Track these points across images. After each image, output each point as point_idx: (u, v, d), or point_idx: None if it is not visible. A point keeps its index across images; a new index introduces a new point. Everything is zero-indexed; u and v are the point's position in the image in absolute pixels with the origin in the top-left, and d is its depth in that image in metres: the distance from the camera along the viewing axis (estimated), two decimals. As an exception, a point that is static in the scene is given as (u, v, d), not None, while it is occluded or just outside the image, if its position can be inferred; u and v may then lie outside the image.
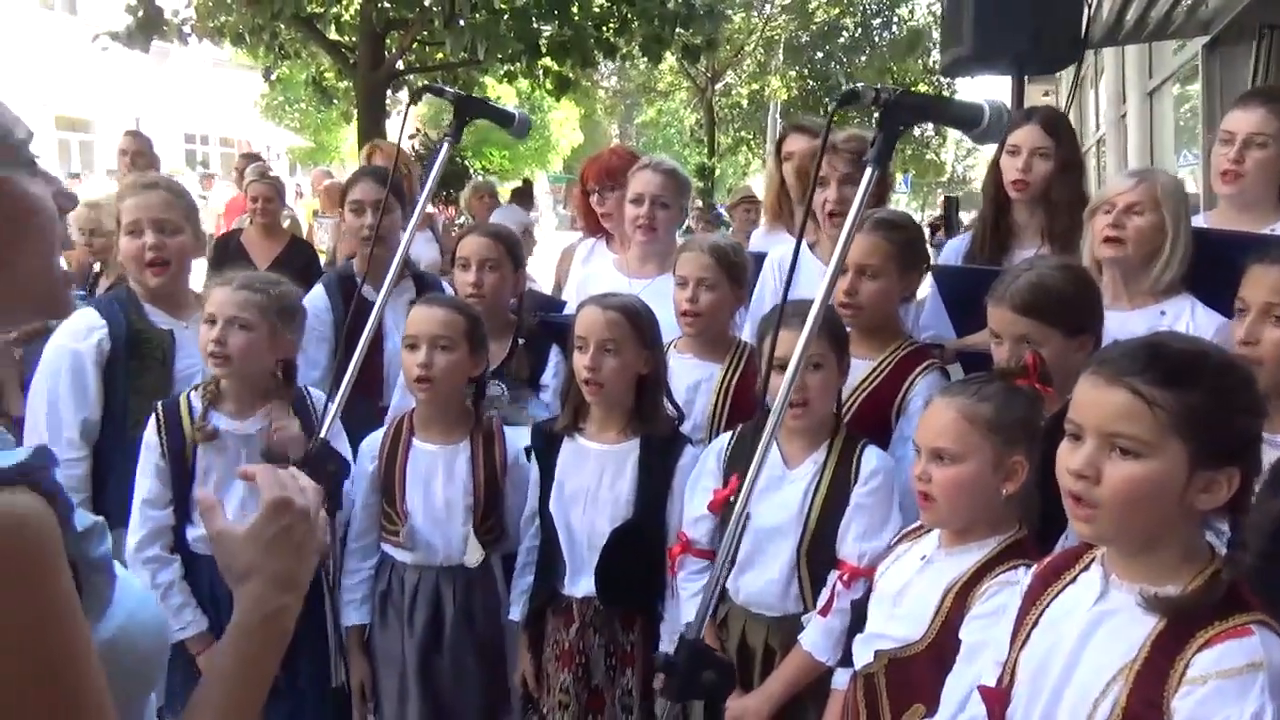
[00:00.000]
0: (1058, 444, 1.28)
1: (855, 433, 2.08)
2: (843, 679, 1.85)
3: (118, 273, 3.34)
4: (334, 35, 9.59)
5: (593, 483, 2.23)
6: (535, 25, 8.64)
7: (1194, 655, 1.14)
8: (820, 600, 1.96)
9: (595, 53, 9.30)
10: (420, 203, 1.76)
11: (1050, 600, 1.32)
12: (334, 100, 12.06)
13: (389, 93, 9.41)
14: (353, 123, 10.87)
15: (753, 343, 2.53)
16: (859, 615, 1.82)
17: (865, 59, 23.63)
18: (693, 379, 2.44)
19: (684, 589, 2.14)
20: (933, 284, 2.60)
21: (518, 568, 2.36)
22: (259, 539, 0.97)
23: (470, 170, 11.68)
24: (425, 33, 9.18)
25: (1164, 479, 1.17)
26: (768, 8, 23.55)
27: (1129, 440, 1.18)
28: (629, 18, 9.00)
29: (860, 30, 24.35)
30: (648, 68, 21.50)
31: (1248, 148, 2.46)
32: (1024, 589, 1.39)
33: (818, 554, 2.00)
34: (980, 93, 1.29)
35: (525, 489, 2.36)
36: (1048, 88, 11.82)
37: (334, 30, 9.60)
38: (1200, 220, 2.65)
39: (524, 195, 9.00)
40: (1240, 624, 1.14)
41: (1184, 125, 7.79)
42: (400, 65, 9.55)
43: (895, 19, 24.14)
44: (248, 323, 2.22)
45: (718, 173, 23.95)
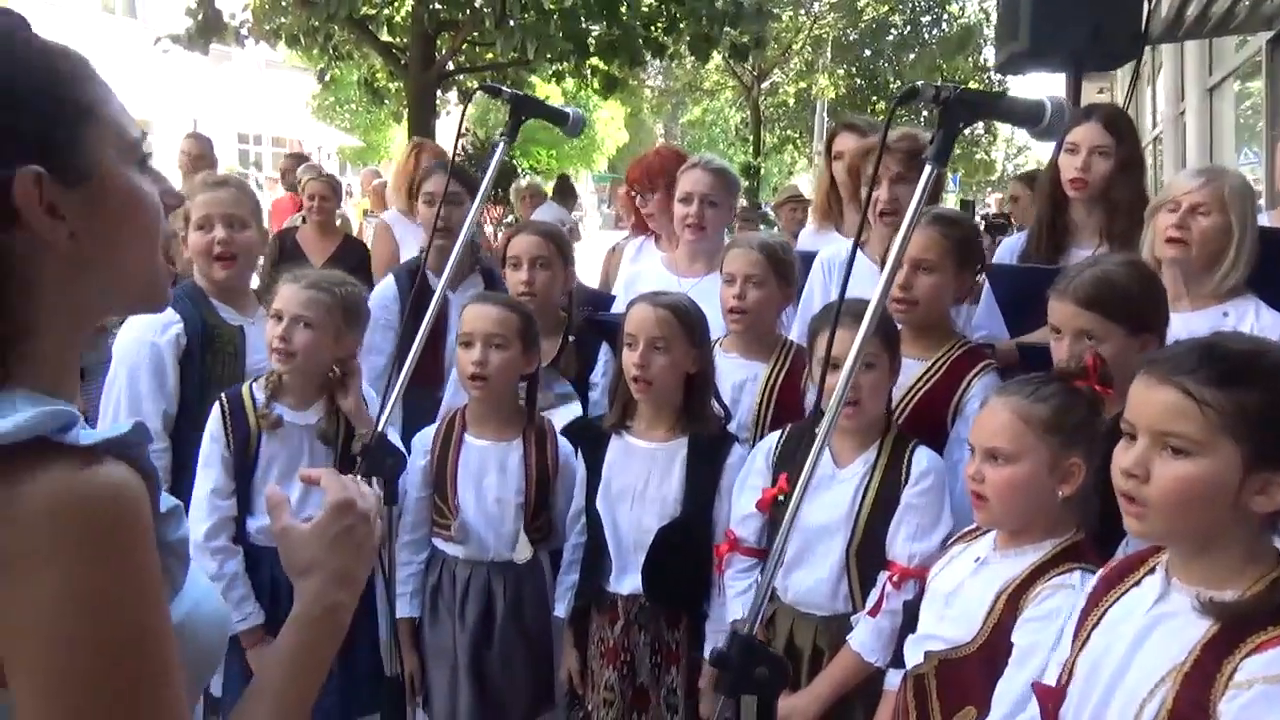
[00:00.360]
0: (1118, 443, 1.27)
1: (907, 433, 2.07)
2: (895, 680, 1.84)
3: (180, 269, 3.41)
4: (386, 37, 9.72)
5: (640, 481, 2.24)
6: (584, 25, 8.68)
7: (1243, 659, 1.13)
8: (869, 601, 1.95)
9: (644, 52, 9.31)
10: (477, 200, 1.79)
11: (1113, 602, 1.31)
12: (385, 100, 12.20)
13: (439, 93, 9.51)
14: (402, 122, 11.00)
15: (801, 342, 2.52)
16: (911, 616, 1.81)
17: (914, 57, 23.34)
18: (738, 378, 2.44)
19: (731, 587, 2.14)
20: (986, 283, 2.57)
21: (563, 565, 2.38)
22: (322, 537, 1.01)
23: (518, 169, 11.76)
24: (475, 33, 9.26)
25: (1215, 479, 1.16)
26: (816, 6, 23.38)
27: (1178, 439, 1.18)
28: (677, 17, 9.00)
29: (909, 28, 24.07)
30: (694, 67, 21.48)
31: None
32: (1087, 591, 1.38)
33: (867, 554, 1.99)
34: (1034, 90, 1.28)
35: (574, 489, 2.38)
36: (1103, 85, 11.58)
37: (386, 32, 9.73)
38: (1264, 219, 2.59)
39: (564, 192, 9.02)
40: None
41: (1245, 123, 7.60)
42: (450, 66, 9.64)
43: (945, 16, 23.82)
44: (312, 321, 2.27)
45: (763, 172, 23.84)
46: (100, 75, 0.87)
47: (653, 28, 9.15)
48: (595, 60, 9.21)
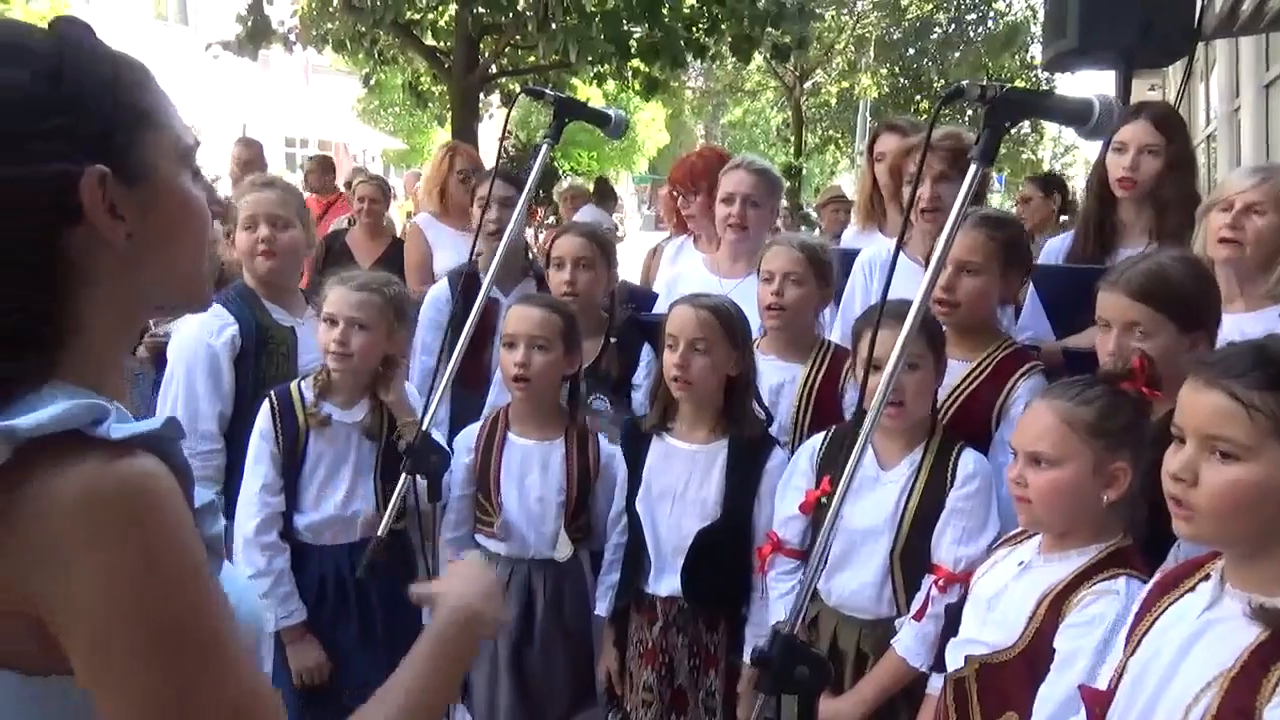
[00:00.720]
0: (1167, 447, 1.25)
1: (953, 435, 2.05)
2: (938, 684, 1.82)
3: (229, 271, 3.48)
4: (430, 41, 9.82)
5: (680, 483, 2.24)
6: (626, 27, 8.69)
7: None
8: (914, 604, 1.94)
9: (685, 53, 9.30)
10: (520, 202, 1.81)
11: (1166, 608, 1.29)
12: (428, 104, 12.33)
13: (481, 96, 9.59)
14: (445, 125, 11.10)
15: (839, 343, 2.51)
16: (953, 619, 1.80)
17: (959, 55, 23.02)
18: (776, 380, 2.43)
19: (774, 588, 2.14)
20: (1031, 284, 2.54)
21: (605, 565, 2.39)
22: (468, 579, 1.11)
23: (559, 171, 11.83)
24: (518, 36, 9.32)
25: (1264, 484, 1.14)
26: (859, 4, 23.15)
27: (1226, 443, 1.16)
28: (719, 18, 8.98)
29: (954, 26, 23.75)
30: (735, 68, 21.39)
31: None
32: (1141, 596, 1.36)
33: (912, 557, 1.97)
34: (1082, 88, 1.26)
35: (615, 490, 2.39)
36: (1154, 82, 11.34)
37: (430, 36, 9.83)
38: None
39: (604, 195, 9.03)
40: None
41: (1303, 120, 7.38)
42: (493, 69, 9.72)
43: (991, 14, 23.45)
44: (366, 322, 2.31)
45: (804, 173, 23.67)
46: (158, 84, 0.90)
47: (694, 29, 9.13)
48: (637, 62, 9.20)
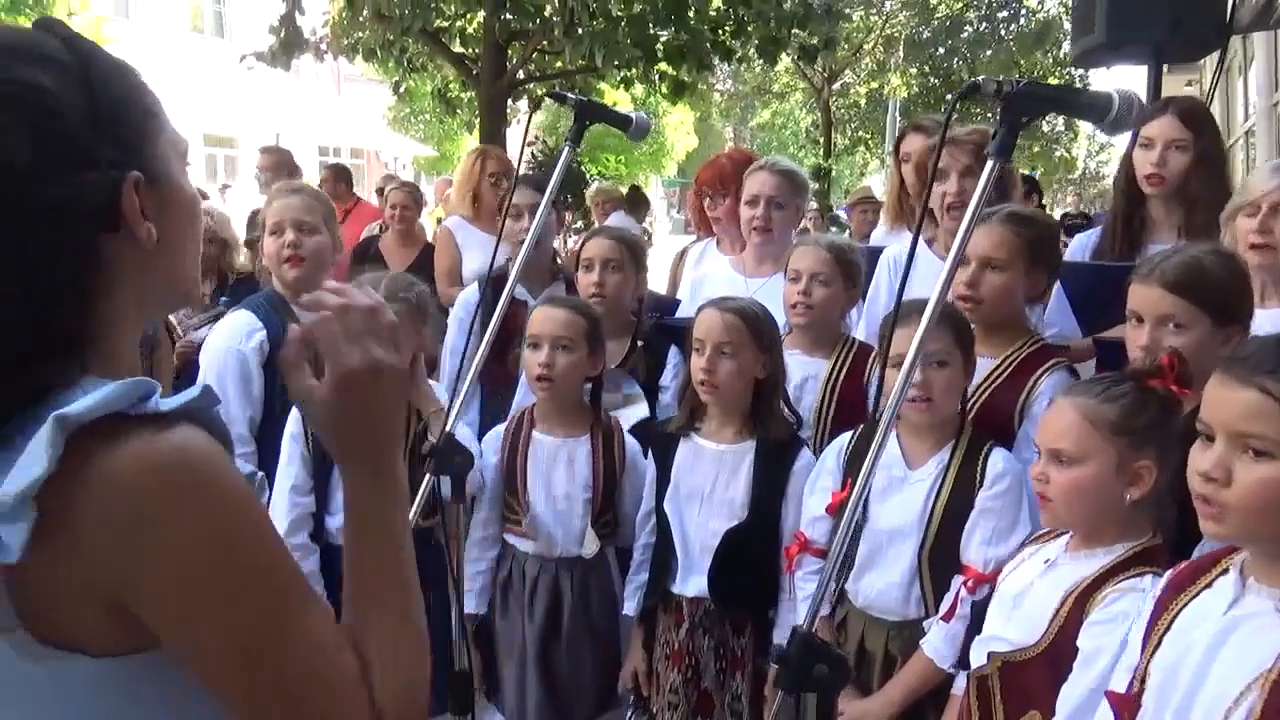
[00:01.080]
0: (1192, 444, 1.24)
1: (980, 434, 2.03)
2: (963, 683, 1.80)
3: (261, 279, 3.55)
4: (458, 48, 9.90)
5: (707, 483, 2.25)
6: (652, 31, 8.70)
7: None
8: (943, 606, 1.92)
9: (711, 56, 9.30)
10: (543, 205, 1.82)
11: (1183, 605, 1.27)
12: (457, 110, 12.44)
13: (510, 102, 9.65)
14: (474, 132, 11.18)
15: (864, 340, 2.50)
16: (978, 617, 1.78)
17: (990, 54, 22.80)
18: (800, 375, 2.43)
19: (801, 589, 2.13)
20: (1058, 281, 2.51)
21: (633, 564, 2.40)
22: (336, 414, 0.93)
23: (586, 175, 11.86)
24: (545, 42, 9.38)
25: None
26: (888, 4, 23.02)
27: (1259, 441, 1.14)
28: (745, 20, 8.96)
29: (985, 24, 23.53)
30: (763, 70, 21.35)
31: None
32: (1156, 594, 1.34)
33: (940, 558, 1.95)
34: (1116, 85, 1.25)
35: (642, 487, 2.40)
36: (1191, 77, 11.14)
37: (458, 43, 9.91)
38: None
39: (636, 202, 9.05)
40: None
41: (1344, 113, 7.22)
42: (521, 75, 9.78)
43: (1023, 11, 23.21)
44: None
45: (834, 174, 23.56)
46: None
47: (720, 31, 9.12)
48: (663, 65, 9.22)
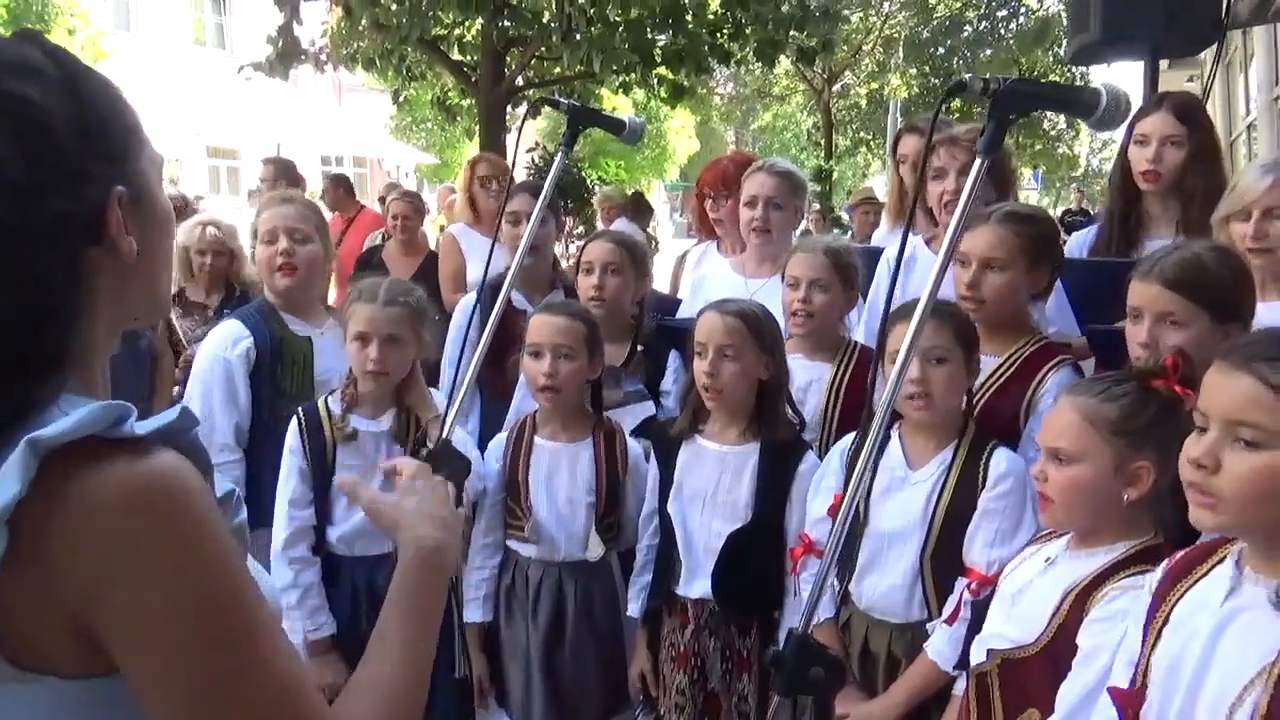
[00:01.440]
0: None
1: (985, 434, 2.01)
2: (963, 684, 1.79)
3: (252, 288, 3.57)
4: (457, 56, 9.92)
5: (711, 484, 2.24)
6: (650, 35, 8.71)
7: None
8: (946, 608, 1.91)
9: (710, 59, 9.31)
10: (535, 213, 1.82)
11: (1180, 597, 1.27)
12: (457, 118, 12.47)
13: (509, 108, 9.66)
14: (475, 139, 11.21)
15: (865, 343, 2.50)
16: (979, 616, 1.78)
17: (990, 53, 22.77)
18: (803, 379, 2.43)
19: (805, 589, 2.13)
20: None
21: (637, 566, 2.40)
22: (409, 493, 1.10)
23: (587, 181, 11.87)
24: (543, 49, 9.40)
25: None
26: (886, 5, 23.01)
27: (1251, 430, 1.14)
28: (743, 23, 8.97)
29: (984, 23, 23.51)
30: (763, 72, 21.35)
31: None
32: (1151, 587, 1.33)
33: (943, 560, 1.94)
34: (1116, 81, 1.24)
35: (644, 489, 2.40)
36: (1193, 72, 11.12)
37: (457, 51, 9.94)
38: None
39: (639, 209, 9.05)
40: None
41: (1345, 106, 7.19)
42: (519, 81, 9.80)
43: (1022, 9, 23.19)
44: (400, 336, 2.34)
45: (835, 175, 23.54)
46: None
47: (718, 35, 9.13)
48: (661, 70, 9.23)
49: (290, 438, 2.38)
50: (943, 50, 23.43)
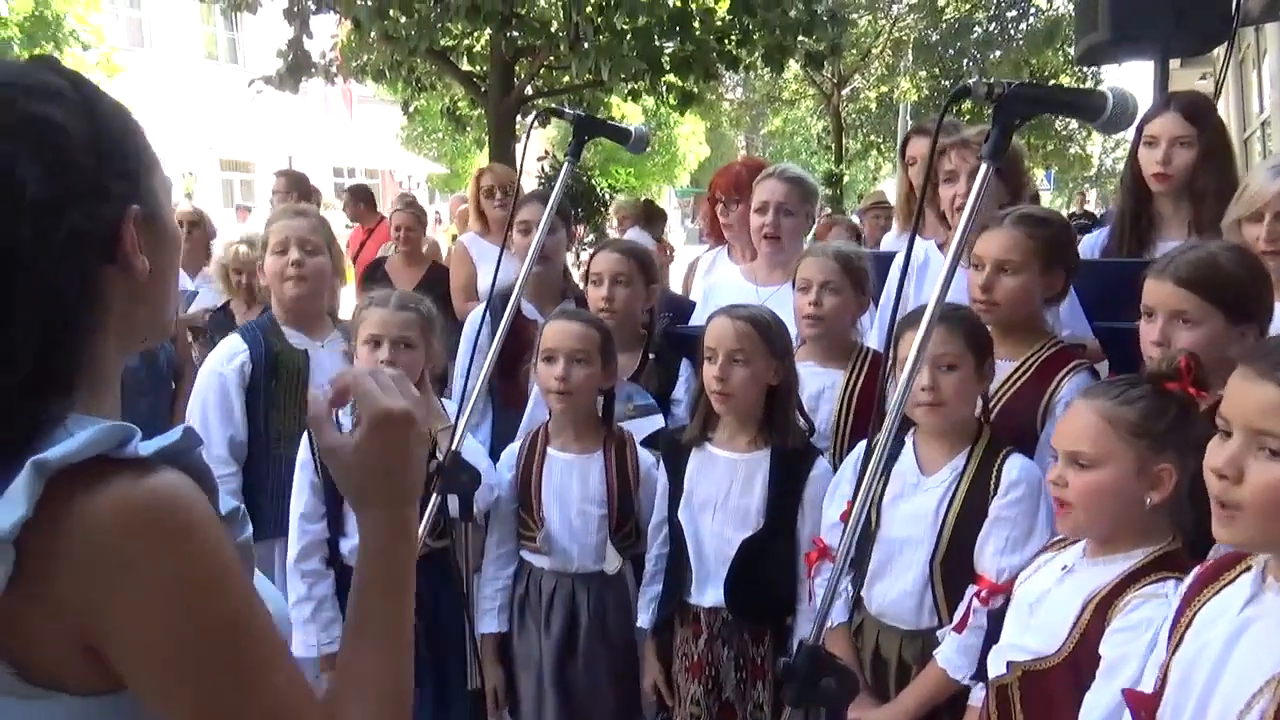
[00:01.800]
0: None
1: (999, 440, 1.99)
2: (979, 696, 1.78)
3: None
4: (466, 66, 9.97)
5: (721, 491, 2.24)
6: (657, 43, 8.72)
7: None
8: (956, 615, 1.89)
9: (718, 66, 9.32)
10: (542, 225, 1.83)
11: (1205, 603, 1.25)
12: (467, 128, 12.52)
13: (518, 118, 9.69)
14: (485, 148, 11.26)
15: (878, 349, 2.49)
16: (995, 625, 1.76)
17: (1000, 54, 22.71)
18: (815, 387, 2.41)
19: (819, 595, 2.11)
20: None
21: (646, 576, 2.39)
22: (366, 458, 0.95)
23: (597, 188, 11.89)
24: (551, 58, 9.43)
25: None
26: (895, 8, 22.99)
27: (1277, 440, 1.11)
28: (750, 29, 8.96)
29: (993, 24, 23.45)
30: (772, 77, 21.36)
31: None
32: (1180, 592, 1.31)
33: (953, 566, 1.93)
34: (1126, 81, 1.23)
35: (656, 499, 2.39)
36: (1205, 70, 11.05)
37: (466, 61, 9.98)
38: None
39: (651, 218, 9.08)
40: None
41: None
42: (529, 91, 9.83)
43: (1032, 10, 23.10)
44: (412, 341, 2.36)
45: (846, 179, 23.50)
46: None
47: (726, 41, 9.13)
48: (670, 77, 9.24)
49: (301, 451, 2.39)
50: (952, 52, 23.37)
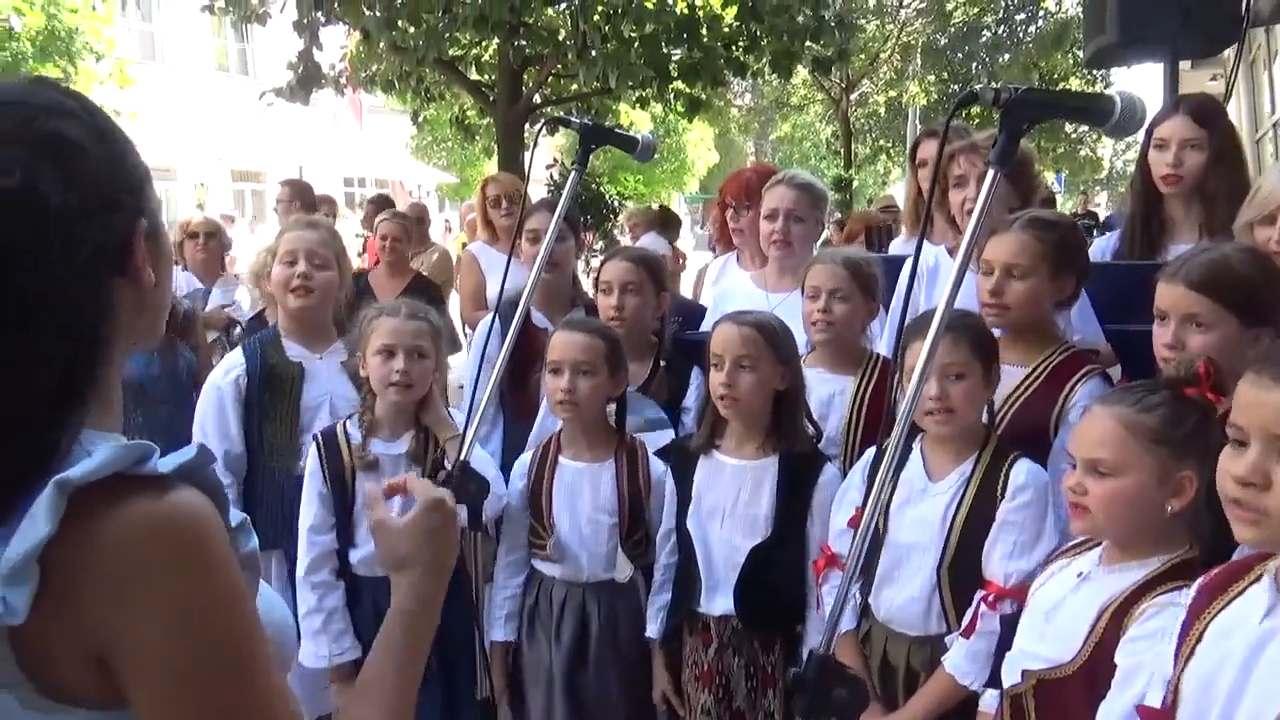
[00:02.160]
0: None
1: (1008, 445, 1.98)
2: (991, 702, 1.77)
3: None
4: (474, 75, 10.01)
5: (730, 499, 2.23)
6: (665, 50, 8.73)
7: None
8: (964, 621, 1.88)
9: (725, 72, 9.33)
10: (549, 234, 1.83)
11: (1216, 613, 1.23)
12: (476, 137, 12.57)
13: (527, 126, 9.72)
14: (494, 157, 11.29)
15: (888, 355, 2.48)
16: (1008, 632, 1.75)
17: (1009, 57, 22.64)
18: (825, 393, 2.41)
19: (827, 602, 2.11)
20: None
21: (655, 585, 2.38)
22: (418, 531, 1.10)
23: (606, 196, 11.89)
24: (559, 66, 9.46)
25: None
26: (903, 13, 22.95)
27: None
28: (758, 35, 8.97)
29: (1002, 28, 23.38)
30: (780, 83, 21.38)
31: None
32: (1186, 603, 1.29)
33: (961, 572, 1.92)
34: (1137, 83, 1.23)
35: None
36: (1215, 71, 10.99)
37: (474, 71, 10.03)
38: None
39: (667, 224, 9.11)
40: None
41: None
42: (537, 99, 9.86)
43: (1041, 13, 23.02)
44: (425, 350, 2.37)
45: (855, 184, 23.45)
46: None
47: (733, 48, 9.13)
48: (678, 84, 9.26)
49: (310, 462, 2.39)
50: (961, 56, 23.31)
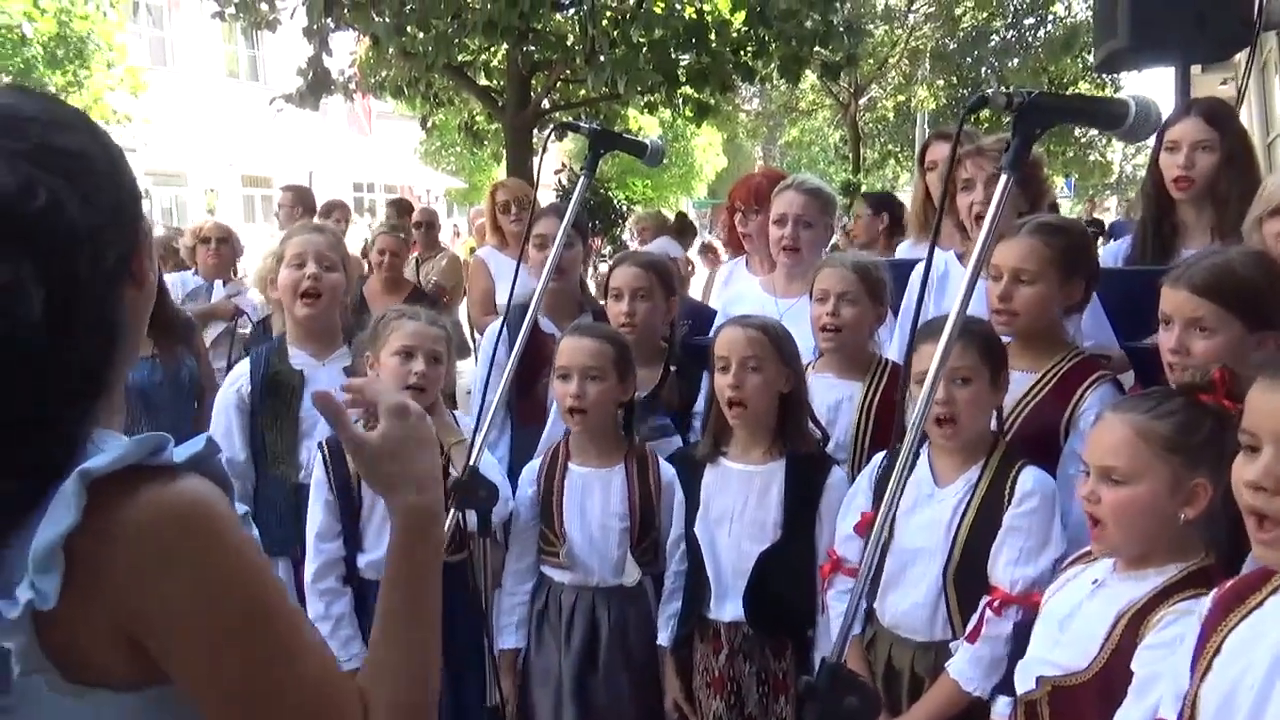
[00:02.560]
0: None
1: (1016, 451, 1.97)
2: (1003, 709, 1.75)
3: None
4: (483, 81, 10.04)
5: (738, 504, 2.23)
6: (673, 55, 8.74)
7: None
8: (969, 626, 1.87)
9: (733, 77, 9.33)
10: (558, 240, 1.83)
11: (1232, 627, 1.21)
12: (485, 142, 12.60)
13: (535, 132, 9.75)
14: (502, 163, 11.32)
15: (896, 360, 2.47)
16: (1023, 639, 1.73)
17: (1018, 61, 22.61)
18: (833, 398, 2.40)
19: (833, 608, 2.10)
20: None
21: (665, 592, 2.37)
22: (391, 444, 1.02)
23: (614, 201, 11.91)
24: (568, 71, 9.48)
25: None
26: (912, 18, 22.94)
27: None
28: (766, 40, 8.97)
29: (1011, 32, 23.34)
30: (789, 88, 21.37)
31: None
32: (1201, 615, 1.28)
33: (967, 578, 1.90)
34: (1147, 87, 1.22)
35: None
36: (1226, 75, 10.93)
37: (483, 76, 10.06)
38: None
39: (683, 230, 9.13)
40: None
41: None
42: (545, 104, 9.88)
43: (1050, 17, 22.97)
44: (440, 356, 2.39)
45: (864, 189, 23.44)
46: None
47: (741, 53, 9.14)
48: (686, 89, 9.26)
49: (316, 470, 2.40)
50: (970, 60, 23.26)
